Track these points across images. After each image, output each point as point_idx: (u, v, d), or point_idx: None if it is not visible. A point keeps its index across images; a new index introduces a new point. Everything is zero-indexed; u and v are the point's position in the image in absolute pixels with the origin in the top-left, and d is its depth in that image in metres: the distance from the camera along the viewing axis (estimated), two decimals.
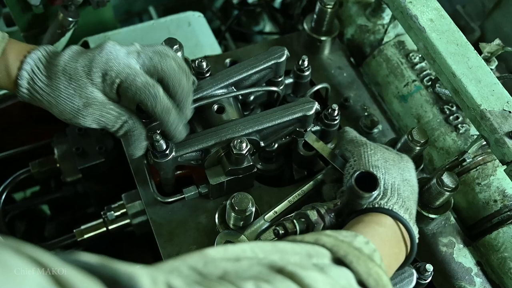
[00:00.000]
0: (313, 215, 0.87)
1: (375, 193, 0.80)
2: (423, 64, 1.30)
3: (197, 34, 1.43)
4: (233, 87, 1.13)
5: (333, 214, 0.89)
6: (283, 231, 0.85)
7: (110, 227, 1.30)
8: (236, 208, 0.97)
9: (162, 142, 0.98)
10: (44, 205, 1.79)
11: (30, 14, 1.38)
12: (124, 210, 1.28)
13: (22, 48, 0.90)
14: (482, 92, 1.04)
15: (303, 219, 0.87)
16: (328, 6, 1.28)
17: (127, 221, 1.29)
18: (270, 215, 1.02)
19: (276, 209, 1.02)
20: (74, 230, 1.31)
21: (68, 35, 1.38)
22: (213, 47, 1.42)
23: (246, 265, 0.63)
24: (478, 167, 1.18)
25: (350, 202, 0.86)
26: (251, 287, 0.57)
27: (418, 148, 1.10)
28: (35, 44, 1.45)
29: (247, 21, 1.94)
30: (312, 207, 0.89)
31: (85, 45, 1.38)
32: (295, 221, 0.86)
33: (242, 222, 1.01)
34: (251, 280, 0.58)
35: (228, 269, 0.62)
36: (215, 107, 1.10)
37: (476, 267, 1.14)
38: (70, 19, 1.33)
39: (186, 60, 1.21)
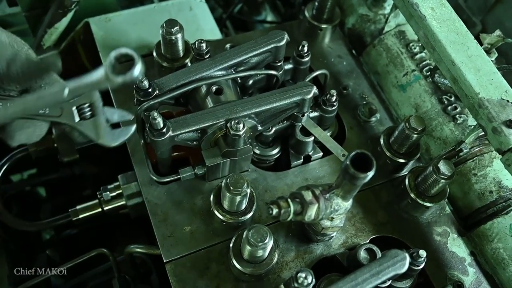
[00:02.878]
0: (307, 195, 0.87)
1: (370, 173, 0.80)
2: (423, 54, 1.30)
3: (198, 18, 1.43)
4: (232, 70, 1.13)
5: (328, 195, 0.89)
6: (277, 210, 0.85)
7: (105, 208, 1.30)
8: (231, 188, 0.97)
9: (159, 120, 0.98)
10: (40, 187, 1.79)
11: None
12: (120, 191, 1.27)
13: None
14: (481, 81, 1.04)
15: (297, 199, 0.87)
16: None
17: (123, 202, 1.28)
18: None
19: None
20: (70, 210, 1.31)
21: (69, 15, 1.38)
22: (213, 32, 1.42)
23: None
24: (475, 158, 1.18)
25: (346, 183, 0.86)
26: None
27: (415, 135, 1.10)
28: (36, 25, 1.45)
29: (249, 11, 1.94)
30: (307, 187, 0.89)
31: (86, 26, 1.38)
32: (289, 200, 0.86)
33: (237, 203, 1.01)
34: None
35: None
36: (214, 88, 1.10)
37: (470, 257, 1.14)
38: None
39: (186, 42, 1.22)
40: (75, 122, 0.91)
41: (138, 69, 0.71)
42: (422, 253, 0.99)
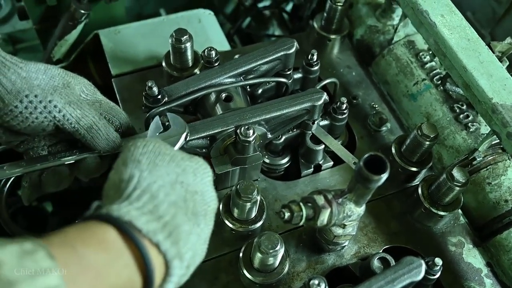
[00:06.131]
0: (320, 199, 0.85)
1: (384, 176, 0.78)
2: (433, 63, 1.29)
3: (207, 30, 1.43)
4: (241, 78, 1.12)
5: (340, 199, 0.87)
6: (289, 213, 0.83)
7: None
8: (242, 194, 0.95)
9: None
10: (47, 202, 1.78)
11: (43, 7, 1.40)
12: None
13: None
14: (493, 86, 1.02)
15: (309, 204, 0.85)
16: (339, 4, 1.29)
17: None
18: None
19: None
20: (76, 221, 1.29)
21: (79, 27, 1.39)
22: (222, 44, 1.42)
23: None
24: (488, 167, 1.15)
25: (359, 187, 0.84)
26: None
27: (427, 143, 1.09)
28: (47, 38, 1.47)
29: (257, 26, 1.95)
30: (319, 192, 0.87)
31: (96, 38, 1.39)
32: (301, 204, 0.84)
33: (247, 211, 1.00)
34: None
35: None
36: (223, 95, 1.09)
37: (486, 268, 1.10)
38: (82, 11, 1.34)
39: (195, 52, 1.22)
40: None
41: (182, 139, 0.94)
42: (438, 261, 0.96)
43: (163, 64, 1.22)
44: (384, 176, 0.79)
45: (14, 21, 1.77)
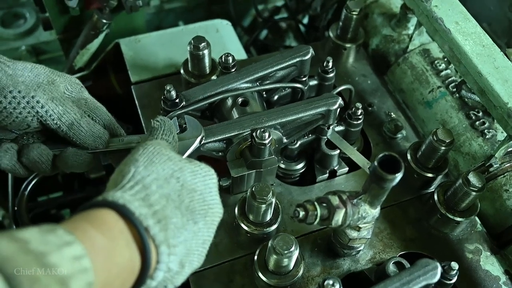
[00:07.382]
0: (334, 200, 0.86)
1: (398, 175, 0.79)
2: (448, 71, 1.30)
3: (224, 40, 1.47)
4: (257, 83, 1.14)
5: (355, 200, 0.87)
6: (303, 212, 0.83)
7: None
8: (257, 196, 0.96)
9: None
10: (66, 210, 1.81)
11: (67, 17, 1.44)
12: None
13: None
14: (509, 91, 1.02)
15: (324, 204, 0.86)
16: (354, 13, 1.30)
17: None
18: None
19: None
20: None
21: (101, 36, 1.43)
22: (239, 53, 1.45)
23: None
24: (505, 174, 1.15)
25: (374, 187, 0.84)
26: None
27: (443, 148, 1.09)
28: (69, 48, 1.51)
29: (274, 39, 1.98)
30: (333, 192, 0.87)
31: (117, 47, 1.43)
32: (316, 203, 0.85)
33: (262, 213, 1.00)
34: None
35: None
36: (240, 100, 1.11)
37: (504, 275, 1.09)
38: (104, 21, 1.38)
39: (213, 60, 1.25)
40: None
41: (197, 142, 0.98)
42: (454, 265, 0.95)
43: (181, 71, 1.24)
44: (399, 176, 0.79)
45: (39, 33, 1.83)
